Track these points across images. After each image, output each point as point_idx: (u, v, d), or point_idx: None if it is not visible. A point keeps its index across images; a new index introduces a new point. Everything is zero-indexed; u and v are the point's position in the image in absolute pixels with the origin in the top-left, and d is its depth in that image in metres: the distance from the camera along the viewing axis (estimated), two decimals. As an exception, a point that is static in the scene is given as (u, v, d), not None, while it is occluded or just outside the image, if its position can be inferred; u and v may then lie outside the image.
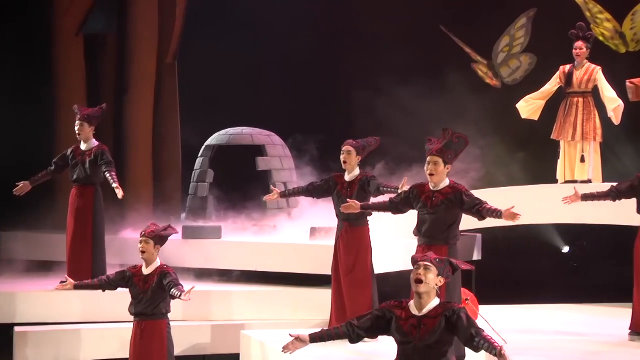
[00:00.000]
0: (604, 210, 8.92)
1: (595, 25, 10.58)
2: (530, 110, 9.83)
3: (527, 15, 11.12)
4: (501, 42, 11.29)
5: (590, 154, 9.46)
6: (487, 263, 10.41)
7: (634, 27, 10.54)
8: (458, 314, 4.97)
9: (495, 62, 11.29)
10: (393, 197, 7.21)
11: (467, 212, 6.83)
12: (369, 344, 7.72)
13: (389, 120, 10.87)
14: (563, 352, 7.31)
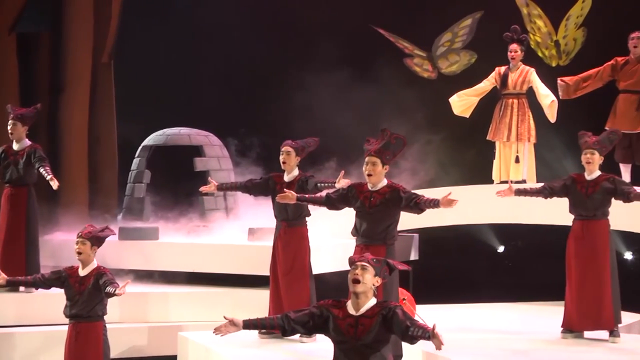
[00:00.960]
0: (537, 210, 9.08)
1: (532, 33, 10.77)
2: (463, 106, 9.93)
3: (473, 17, 11.27)
4: (443, 37, 11.42)
5: (524, 155, 9.60)
6: (424, 263, 10.51)
7: (566, 35, 10.75)
8: (394, 310, 5.00)
9: (434, 54, 11.41)
10: (330, 192, 7.22)
11: (406, 209, 6.87)
12: (306, 345, 7.74)
13: (330, 118, 10.91)
14: (497, 351, 7.40)
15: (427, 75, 11.48)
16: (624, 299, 7.84)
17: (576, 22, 10.68)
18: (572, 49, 10.79)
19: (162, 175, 10.42)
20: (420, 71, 11.54)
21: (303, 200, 7.28)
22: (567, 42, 10.75)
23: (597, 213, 7.69)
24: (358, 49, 11.57)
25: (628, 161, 9.20)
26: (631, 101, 9.12)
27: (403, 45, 11.51)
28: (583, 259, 7.67)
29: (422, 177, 9.57)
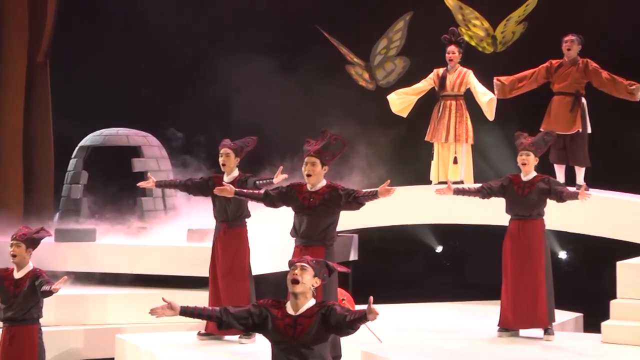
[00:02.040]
0: (475, 210, 9.19)
1: (466, 29, 10.87)
2: (402, 104, 9.97)
3: (404, 19, 11.34)
4: (379, 44, 11.47)
5: (462, 156, 9.70)
6: (363, 263, 10.56)
7: (505, 31, 10.87)
8: (332, 307, 5.02)
9: (372, 63, 11.47)
10: (270, 189, 7.21)
11: (346, 206, 6.88)
12: (246, 346, 7.73)
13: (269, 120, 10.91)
14: (435, 350, 7.47)
15: (366, 85, 11.52)
16: (558, 297, 7.98)
17: (517, 21, 10.82)
18: (510, 39, 10.91)
19: (100, 176, 10.29)
20: (360, 81, 11.59)
21: (241, 194, 7.24)
22: (505, 35, 10.87)
23: (532, 213, 7.81)
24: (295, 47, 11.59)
25: (562, 162, 9.35)
26: (565, 103, 9.25)
27: (345, 52, 11.54)
28: (519, 259, 7.78)
29: (361, 179, 9.61)
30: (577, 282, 9.76)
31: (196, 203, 9.51)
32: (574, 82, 9.23)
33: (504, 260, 7.89)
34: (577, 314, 9.16)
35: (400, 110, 10.01)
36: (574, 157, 9.27)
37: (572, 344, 7.61)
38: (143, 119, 11.12)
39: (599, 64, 9.21)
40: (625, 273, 7.86)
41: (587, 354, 7.27)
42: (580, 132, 9.22)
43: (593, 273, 9.45)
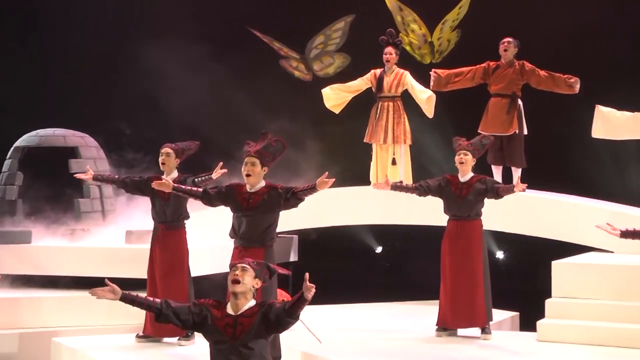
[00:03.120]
0: (414, 211, 9.27)
1: (405, 34, 10.96)
2: (337, 99, 9.97)
3: (345, 20, 11.39)
4: (316, 40, 11.50)
5: (401, 157, 9.76)
6: (304, 264, 10.55)
7: (441, 37, 10.99)
8: (271, 304, 5.03)
9: (308, 56, 11.49)
10: (209, 188, 7.17)
11: (286, 205, 6.87)
12: (185, 348, 7.68)
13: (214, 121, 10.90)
14: (374, 350, 7.51)
15: (302, 77, 11.55)
16: (495, 297, 8.09)
17: (452, 26, 10.93)
18: (446, 48, 11.04)
19: (36, 177, 10.14)
20: (296, 73, 11.60)
21: (179, 190, 7.19)
22: (441, 43, 11.00)
23: (470, 213, 7.90)
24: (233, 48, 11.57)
25: (499, 163, 9.47)
26: (502, 105, 9.37)
27: (278, 47, 11.54)
28: (457, 259, 7.87)
29: (300, 180, 9.62)
30: (513, 282, 9.90)
31: (134, 204, 9.43)
32: (511, 83, 9.36)
33: (443, 260, 7.97)
34: (514, 313, 9.28)
35: (333, 106, 10.01)
36: (511, 158, 9.39)
37: (509, 343, 7.72)
38: (78, 117, 11.00)
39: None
40: (559, 272, 8.00)
41: (523, 352, 7.38)
42: (516, 133, 9.35)
43: (529, 273, 9.58)
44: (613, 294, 7.80)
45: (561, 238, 9.03)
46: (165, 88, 11.21)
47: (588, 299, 7.85)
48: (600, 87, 9.28)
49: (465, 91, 9.78)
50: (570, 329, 7.66)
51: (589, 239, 8.79)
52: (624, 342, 7.46)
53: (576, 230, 8.87)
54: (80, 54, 12.09)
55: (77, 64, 12.09)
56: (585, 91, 9.05)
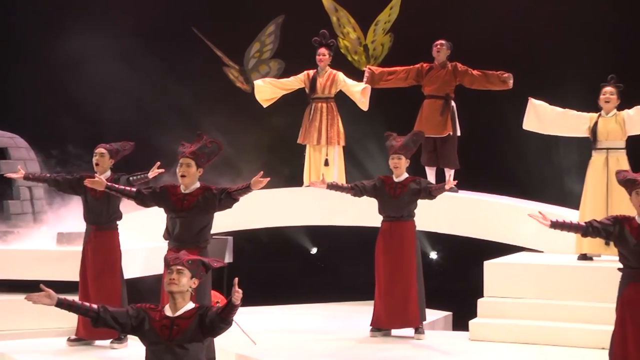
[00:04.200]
0: (349, 211, 9.31)
1: (341, 37, 11.02)
2: (268, 93, 9.97)
3: (275, 22, 11.38)
4: (252, 48, 11.49)
5: (334, 158, 9.80)
6: (239, 265, 10.52)
7: (375, 40, 11.07)
8: (208, 308, 5.04)
9: (247, 67, 11.48)
10: (143, 187, 7.11)
11: (221, 205, 6.84)
12: (118, 351, 7.60)
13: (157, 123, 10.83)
14: (309, 351, 7.53)
15: (242, 87, 11.54)
16: (429, 297, 8.17)
17: (384, 28, 11.01)
18: (380, 53, 11.13)
19: (-37, 178, 9.93)
20: (236, 82, 11.58)
21: (112, 189, 7.12)
22: (375, 47, 11.07)
23: (404, 214, 7.97)
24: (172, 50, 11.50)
25: (433, 164, 9.56)
26: (436, 106, 9.47)
27: (219, 55, 11.51)
28: (391, 259, 7.93)
29: (233, 181, 9.60)
30: (446, 282, 10.00)
31: (65, 206, 9.30)
32: (444, 85, 9.46)
33: (377, 261, 8.02)
34: (447, 312, 9.38)
35: (264, 100, 10.02)
36: (444, 160, 9.49)
37: (441, 342, 7.80)
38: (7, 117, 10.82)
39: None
40: (491, 272, 8.12)
41: (455, 351, 7.47)
42: (450, 135, 9.46)
43: (462, 273, 9.70)
44: (543, 293, 7.94)
45: (493, 238, 9.15)
46: (98, 86, 11.09)
47: (519, 298, 7.98)
48: (533, 86, 9.44)
49: (400, 93, 9.86)
50: (502, 327, 7.78)
51: (520, 239, 8.93)
52: (554, 340, 7.60)
53: (507, 231, 9.00)
54: (9, 50, 11.89)
55: (6, 63, 11.88)
56: (517, 91, 9.19)
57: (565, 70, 10.04)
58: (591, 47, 10.17)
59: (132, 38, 11.18)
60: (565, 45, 10.29)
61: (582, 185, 8.42)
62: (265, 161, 9.95)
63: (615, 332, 5.96)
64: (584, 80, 9.39)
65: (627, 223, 5.93)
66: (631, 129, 8.29)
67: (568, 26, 10.37)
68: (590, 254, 8.26)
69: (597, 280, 7.72)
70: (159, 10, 11.63)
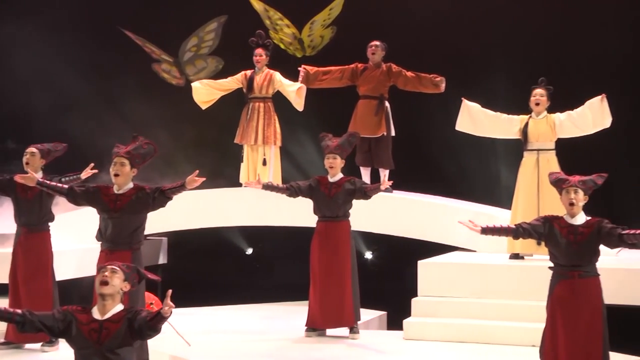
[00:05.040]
0: (284, 212, 9.31)
1: (275, 32, 11.01)
2: (207, 95, 9.93)
3: (218, 21, 11.34)
4: (189, 42, 11.43)
5: (271, 158, 9.80)
6: (173, 266, 10.47)
7: (312, 34, 11.09)
8: (138, 312, 4.99)
9: (181, 59, 11.41)
10: (75, 186, 7.02)
11: (155, 204, 6.76)
12: (49, 354, 7.49)
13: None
14: (244, 352, 7.51)
15: (175, 82, 11.47)
16: (364, 296, 8.21)
17: (323, 25, 11.04)
18: (319, 43, 11.14)
19: None
20: (168, 77, 11.50)
21: (44, 185, 7.00)
22: (313, 39, 11.09)
23: (339, 214, 8.00)
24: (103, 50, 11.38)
25: (367, 165, 9.62)
26: (370, 107, 9.52)
27: (150, 49, 11.40)
28: (326, 259, 7.95)
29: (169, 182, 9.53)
30: (381, 282, 10.06)
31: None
32: (379, 85, 9.52)
33: (312, 261, 8.04)
34: (381, 312, 9.44)
35: (202, 102, 9.98)
36: (379, 160, 9.56)
37: (376, 342, 7.84)
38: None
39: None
40: (425, 272, 8.19)
41: (389, 350, 7.52)
42: (384, 135, 9.52)
43: (396, 272, 9.77)
44: (476, 292, 8.04)
45: (427, 238, 9.24)
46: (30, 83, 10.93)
47: (452, 297, 8.06)
48: (466, 88, 9.55)
49: (337, 93, 9.90)
50: (435, 326, 7.85)
51: (454, 238, 9.03)
52: (487, 338, 7.69)
53: (441, 231, 9.09)
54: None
55: None
56: (450, 93, 9.28)
57: (497, 72, 10.18)
58: (522, 48, 10.33)
59: (66, 31, 11.03)
60: (497, 46, 10.43)
61: (514, 185, 8.54)
62: (201, 161, 9.87)
63: (546, 330, 6.07)
64: (515, 82, 9.53)
65: (557, 222, 6.05)
66: (561, 133, 8.45)
67: (501, 28, 10.51)
68: (522, 253, 8.40)
69: (528, 279, 7.83)
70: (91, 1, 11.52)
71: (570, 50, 10.22)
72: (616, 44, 10.07)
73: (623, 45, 10.05)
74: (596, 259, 6.04)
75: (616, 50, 10.06)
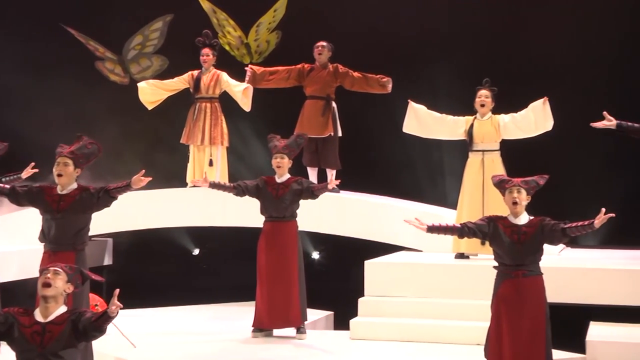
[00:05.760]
0: (230, 212, 9.29)
1: (222, 36, 10.98)
2: (151, 95, 9.89)
3: (163, 19, 11.26)
4: (133, 40, 11.33)
5: (217, 158, 9.78)
6: (119, 267, 10.36)
7: (258, 38, 11.07)
8: (81, 313, 4.93)
9: (125, 57, 11.31)
10: (18, 186, 6.91)
11: (99, 204, 6.68)
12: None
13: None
14: (191, 353, 7.47)
15: (119, 80, 11.37)
16: (311, 297, 8.22)
17: (268, 28, 11.03)
18: (265, 49, 11.14)
19: None
20: (112, 76, 11.39)
21: None
22: (260, 44, 11.08)
23: (286, 214, 8.00)
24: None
25: (315, 165, 9.63)
26: (317, 107, 9.54)
27: (94, 47, 11.29)
28: (273, 259, 7.94)
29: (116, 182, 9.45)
30: (329, 282, 10.07)
31: None
32: (325, 86, 9.54)
33: (259, 261, 8.03)
34: (328, 312, 9.45)
35: (148, 102, 9.93)
36: (326, 160, 9.58)
37: (323, 342, 7.86)
38: None
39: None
40: (372, 271, 8.23)
41: (335, 350, 7.54)
42: (331, 136, 9.55)
43: (344, 272, 9.79)
44: (422, 292, 8.10)
45: (374, 238, 9.28)
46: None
47: (398, 296, 8.11)
48: (416, 88, 9.62)
49: (284, 93, 9.90)
50: (382, 326, 7.89)
51: (400, 238, 9.09)
52: (432, 337, 7.75)
53: (388, 230, 9.14)
54: None
55: None
56: (399, 93, 9.33)
57: (442, 73, 10.26)
58: (467, 49, 10.42)
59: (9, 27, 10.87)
60: (442, 47, 10.51)
61: (460, 185, 8.62)
62: (147, 161, 9.81)
63: (490, 328, 6.14)
64: (460, 83, 9.61)
65: (501, 222, 6.13)
66: (505, 134, 8.54)
67: (446, 28, 10.59)
68: (467, 253, 8.48)
69: (473, 279, 7.91)
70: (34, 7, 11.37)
71: (514, 51, 10.33)
72: (561, 46, 10.21)
73: (568, 48, 10.19)
74: (539, 258, 6.13)
75: (561, 53, 10.19)
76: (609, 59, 10.01)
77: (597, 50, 10.04)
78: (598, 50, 10.04)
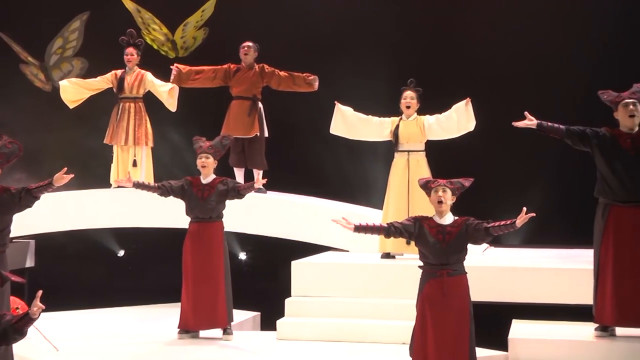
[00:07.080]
0: (156, 213, 9.21)
1: (147, 33, 10.86)
2: (74, 94, 9.79)
3: (80, 18, 11.09)
4: (54, 44, 11.14)
5: (142, 159, 9.69)
6: (41, 269, 10.18)
7: (184, 36, 11.00)
8: (2, 315, 4.85)
9: (48, 64, 11.13)
10: None
11: (21, 204, 6.53)
12: None
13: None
14: (115, 356, 7.39)
15: (42, 86, 11.19)
16: (238, 297, 8.19)
17: (195, 26, 10.96)
18: (192, 45, 11.06)
19: None
20: (35, 81, 11.21)
21: None
22: (186, 41, 11.00)
23: (212, 215, 7.97)
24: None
25: (241, 165, 9.61)
26: (243, 107, 9.51)
27: (17, 50, 11.08)
28: (199, 260, 7.90)
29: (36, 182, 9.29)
30: (256, 282, 10.06)
31: None
32: (251, 86, 9.53)
33: (185, 262, 7.98)
34: (255, 313, 9.44)
35: (70, 101, 9.82)
36: (252, 161, 9.57)
37: (249, 342, 7.85)
38: None
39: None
40: (298, 272, 8.24)
41: (262, 351, 7.53)
42: (258, 136, 9.53)
43: (271, 273, 9.79)
44: (348, 291, 8.14)
45: (301, 238, 9.30)
46: None
47: (325, 296, 8.14)
48: (341, 89, 9.66)
49: (211, 93, 9.85)
50: (308, 326, 7.90)
51: (327, 238, 9.12)
52: (359, 337, 7.79)
53: (315, 231, 9.17)
54: None
55: None
56: (327, 93, 9.36)
57: (367, 72, 10.33)
58: (393, 48, 10.51)
59: None
60: (368, 46, 10.59)
61: (386, 186, 8.68)
62: (70, 161, 9.66)
63: (415, 327, 6.20)
64: (386, 82, 9.69)
65: (426, 222, 6.20)
66: (429, 135, 8.64)
67: (372, 28, 10.66)
68: (393, 252, 8.55)
69: (399, 278, 7.98)
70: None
71: (441, 52, 10.45)
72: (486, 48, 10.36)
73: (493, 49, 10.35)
74: (464, 258, 6.21)
75: (487, 54, 10.34)
76: (527, 57, 10.20)
77: (517, 50, 10.21)
78: (519, 50, 10.21)
